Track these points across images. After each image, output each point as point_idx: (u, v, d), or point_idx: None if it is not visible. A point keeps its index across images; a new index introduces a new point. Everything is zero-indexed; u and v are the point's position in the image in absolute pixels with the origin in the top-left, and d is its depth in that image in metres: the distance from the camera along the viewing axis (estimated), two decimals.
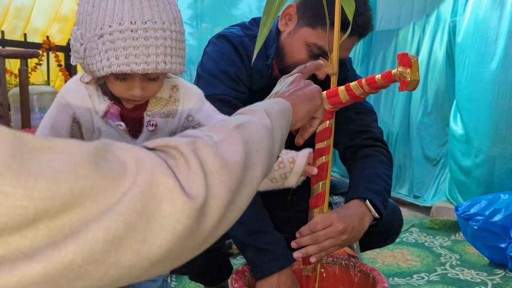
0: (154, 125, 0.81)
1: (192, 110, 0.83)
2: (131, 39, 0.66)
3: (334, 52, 0.80)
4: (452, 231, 2.05)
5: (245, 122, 0.47)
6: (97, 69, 0.68)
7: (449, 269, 1.63)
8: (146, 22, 0.67)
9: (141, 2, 0.67)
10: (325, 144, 0.82)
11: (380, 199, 0.93)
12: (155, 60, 0.68)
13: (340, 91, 0.76)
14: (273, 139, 0.50)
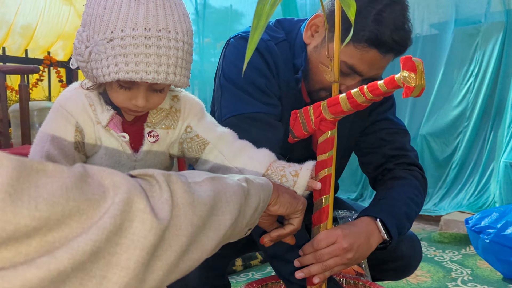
0: (156, 136, 0.77)
1: (191, 121, 0.81)
2: (144, 46, 0.63)
3: (335, 58, 0.76)
4: (462, 245, 1.99)
5: (222, 177, 0.52)
6: (102, 74, 0.65)
7: (460, 285, 1.57)
8: (160, 30, 0.64)
9: (157, 10, 0.65)
10: (327, 156, 0.77)
11: (394, 221, 0.85)
12: (165, 70, 0.65)
13: (341, 99, 0.72)
14: (246, 201, 0.53)
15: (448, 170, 2.39)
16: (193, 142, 0.81)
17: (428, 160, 2.43)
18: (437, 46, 2.48)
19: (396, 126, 1.03)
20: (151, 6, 0.65)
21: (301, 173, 0.79)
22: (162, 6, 0.65)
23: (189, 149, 0.81)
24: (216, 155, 0.80)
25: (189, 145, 0.81)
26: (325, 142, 0.77)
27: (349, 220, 0.96)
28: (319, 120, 0.77)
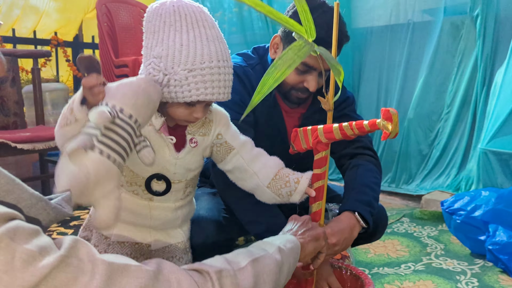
0: (195, 142, 0.97)
1: (221, 130, 1.01)
2: (218, 74, 0.84)
3: (330, 92, 0.94)
4: (439, 222, 2.23)
5: (260, 257, 0.66)
6: (183, 96, 0.83)
7: (434, 259, 1.81)
8: (219, 61, 0.84)
9: (219, 44, 0.85)
10: (322, 171, 0.97)
11: (368, 209, 1.08)
12: (227, 91, 0.88)
13: (334, 129, 0.91)
14: (280, 272, 0.67)
15: (431, 153, 2.60)
16: (221, 147, 1.01)
17: (414, 142, 2.63)
18: (429, 32, 2.61)
19: (353, 119, 1.24)
20: (216, 43, 0.85)
21: (301, 181, 0.99)
22: (218, 41, 0.86)
23: (217, 152, 1.01)
24: (238, 159, 1.01)
25: (218, 149, 1.01)
26: (320, 159, 0.96)
27: (335, 211, 1.17)
28: (316, 142, 0.96)
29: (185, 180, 1.00)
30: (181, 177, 0.98)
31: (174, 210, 1.00)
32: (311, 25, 0.74)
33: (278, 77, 0.70)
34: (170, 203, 0.99)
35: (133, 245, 1.00)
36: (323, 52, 0.75)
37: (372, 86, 2.83)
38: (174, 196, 0.99)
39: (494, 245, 1.71)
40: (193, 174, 1.01)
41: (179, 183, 0.98)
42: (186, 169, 0.98)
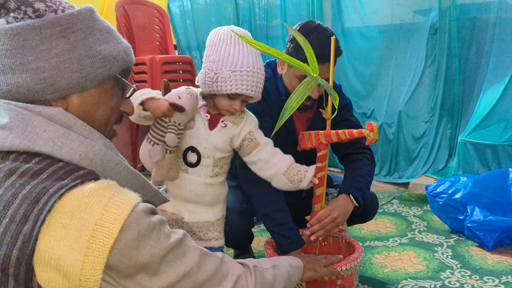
0: (225, 124, 1.28)
1: (253, 128, 1.31)
2: (252, 76, 1.18)
3: (328, 105, 1.24)
4: (424, 203, 2.55)
5: (278, 265, 0.94)
6: (226, 89, 1.18)
7: (417, 234, 2.14)
8: (255, 68, 1.19)
9: (255, 57, 1.20)
10: (323, 164, 1.28)
11: (360, 193, 1.40)
12: (258, 90, 1.21)
13: (332, 134, 1.21)
14: (289, 279, 0.96)
15: (422, 143, 2.89)
16: (251, 142, 1.31)
17: (408, 133, 2.92)
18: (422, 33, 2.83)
19: (352, 123, 1.55)
20: (254, 56, 1.19)
21: (309, 170, 1.30)
22: (255, 54, 1.19)
23: (247, 146, 1.31)
24: (262, 153, 1.32)
25: (248, 143, 1.31)
26: (321, 156, 1.27)
27: (334, 195, 1.49)
28: (318, 143, 1.27)
29: (213, 158, 1.29)
30: (210, 153, 1.28)
31: (204, 185, 1.30)
32: (315, 64, 1.04)
33: (294, 106, 1.01)
34: (200, 178, 1.29)
35: (171, 215, 1.31)
36: (324, 83, 1.05)
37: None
38: (204, 172, 1.29)
39: (472, 223, 2.00)
40: (220, 156, 1.30)
41: (208, 158, 1.28)
42: (214, 147, 1.28)
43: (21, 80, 0.67)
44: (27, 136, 0.65)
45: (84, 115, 0.73)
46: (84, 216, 0.61)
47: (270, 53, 1.05)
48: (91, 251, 0.60)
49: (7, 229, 0.59)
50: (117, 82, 0.78)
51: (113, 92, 0.77)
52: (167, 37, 3.52)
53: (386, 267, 1.80)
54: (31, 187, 0.61)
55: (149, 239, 0.66)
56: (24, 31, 0.67)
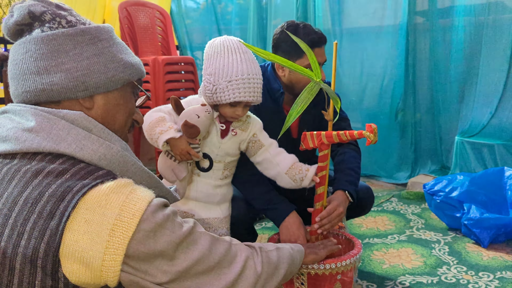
0: (235, 132, 1.36)
1: (257, 131, 1.39)
2: (248, 83, 1.23)
3: (330, 108, 1.29)
4: (422, 201, 2.60)
5: (281, 247, 1.01)
6: (225, 99, 1.23)
7: (415, 231, 2.20)
8: (251, 75, 1.23)
9: (250, 64, 1.25)
10: (324, 164, 1.33)
11: (353, 188, 1.48)
12: (255, 94, 1.26)
13: (334, 135, 1.26)
14: (293, 262, 1.02)
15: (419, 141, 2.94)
16: (255, 144, 1.39)
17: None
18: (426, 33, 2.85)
19: (340, 116, 1.61)
20: (248, 63, 1.24)
21: (310, 169, 1.36)
22: (250, 61, 1.25)
23: (252, 147, 1.39)
24: (266, 153, 1.39)
25: (252, 145, 1.39)
26: (323, 156, 1.33)
27: (329, 193, 1.54)
28: (320, 143, 1.32)
29: (224, 162, 1.38)
30: (221, 159, 1.36)
31: (214, 187, 1.37)
32: (318, 70, 1.09)
33: (299, 110, 1.06)
34: (211, 180, 1.37)
35: (182, 213, 1.37)
36: (326, 87, 1.11)
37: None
38: (215, 175, 1.37)
39: (469, 221, 2.05)
40: (230, 159, 1.39)
41: (219, 163, 1.36)
42: (225, 153, 1.36)
43: (56, 79, 0.75)
44: (52, 139, 0.71)
45: (107, 114, 0.81)
46: (105, 211, 0.67)
47: (275, 61, 1.10)
48: (112, 244, 0.66)
49: (35, 224, 0.65)
50: (133, 89, 0.86)
51: (131, 97, 0.85)
52: (169, 38, 3.57)
53: (385, 263, 1.85)
54: (56, 186, 0.67)
55: (165, 229, 0.72)
56: (59, 37, 0.76)
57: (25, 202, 0.66)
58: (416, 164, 2.93)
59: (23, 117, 0.74)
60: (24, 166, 0.70)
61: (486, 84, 2.51)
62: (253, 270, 0.85)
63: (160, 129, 1.21)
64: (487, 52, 2.49)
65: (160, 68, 3.15)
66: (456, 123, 2.71)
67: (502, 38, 2.44)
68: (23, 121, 0.73)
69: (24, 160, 0.71)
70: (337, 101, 1.11)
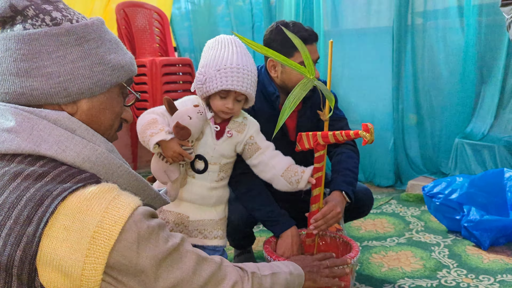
0: (231, 134, 1.34)
1: (253, 133, 1.36)
2: (237, 72, 1.22)
3: (325, 107, 1.26)
4: (422, 203, 2.57)
5: (277, 273, 0.92)
6: (213, 88, 1.22)
7: (414, 234, 2.17)
8: (240, 65, 1.23)
9: (242, 56, 1.24)
10: (320, 165, 1.30)
11: (351, 188, 1.44)
12: (245, 85, 1.24)
13: (329, 135, 1.24)
14: (287, 286, 0.93)
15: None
16: (252, 146, 1.37)
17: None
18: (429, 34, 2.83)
19: (337, 116, 1.60)
20: (239, 55, 1.23)
21: (306, 171, 1.34)
22: (241, 54, 1.24)
23: (248, 150, 1.37)
24: (262, 156, 1.37)
25: (249, 147, 1.37)
26: (319, 157, 1.30)
27: (326, 194, 1.51)
28: (316, 143, 1.29)
29: (219, 164, 1.35)
30: (216, 160, 1.34)
31: (209, 189, 1.35)
32: (311, 66, 1.07)
33: (292, 106, 1.03)
34: (206, 182, 1.34)
35: (177, 215, 1.34)
36: (319, 85, 1.08)
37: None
38: (210, 177, 1.34)
39: (468, 223, 2.02)
40: (226, 161, 1.36)
41: (214, 165, 1.33)
42: (220, 155, 1.33)
43: (36, 83, 0.70)
44: (33, 140, 0.67)
45: (91, 119, 0.76)
46: (85, 218, 0.63)
47: (268, 55, 1.08)
48: (92, 252, 0.62)
49: (11, 230, 0.62)
50: (122, 90, 0.81)
51: (118, 99, 0.80)
52: (167, 39, 3.55)
53: (384, 266, 1.82)
54: (35, 190, 0.64)
55: (148, 242, 0.68)
56: (42, 37, 0.70)
57: (2, 206, 0.63)
58: (412, 167, 2.90)
59: (2, 116, 0.70)
60: (2, 168, 0.67)
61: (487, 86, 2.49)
62: None
63: (151, 132, 1.19)
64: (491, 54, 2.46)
65: (157, 69, 3.13)
66: (456, 125, 2.68)
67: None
68: (2, 121, 0.69)
69: (3, 162, 0.68)
70: (331, 99, 1.09)
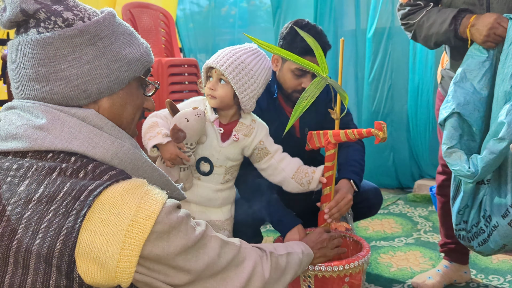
0: (237, 137, 1.33)
1: (263, 138, 1.36)
2: (221, 52, 1.26)
3: (337, 104, 1.26)
4: (429, 203, 2.56)
5: (292, 252, 1.02)
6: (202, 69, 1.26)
7: (422, 234, 2.16)
8: (232, 51, 1.26)
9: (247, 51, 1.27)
10: (331, 164, 1.30)
11: (358, 177, 1.46)
12: (220, 62, 1.26)
13: (341, 133, 1.24)
14: (300, 265, 1.04)
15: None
16: (262, 151, 1.36)
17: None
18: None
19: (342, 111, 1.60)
20: (243, 49, 1.27)
21: (316, 171, 1.34)
22: (248, 50, 1.28)
23: (258, 154, 1.36)
24: (271, 160, 1.37)
25: (259, 152, 1.36)
26: (330, 155, 1.30)
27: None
28: (327, 142, 1.29)
29: (225, 167, 1.34)
30: (222, 163, 1.33)
31: (215, 191, 1.34)
32: (325, 65, 1.07)
33: (305, 105, 1.04)
34: (212, 184, 1.34)
35: None
36: (333, 83, 1.08)
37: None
38: (216, 179, 1.34)
39: None
40: (232, 164, 1.36)
41: (220, 167, 1.33)
42: (226, 157, 1.33)
43: (56, 87, 0.71)
44: (64, 137, 0.69)
45: (113, 116, 0.77)
46: (121, 212, 0.66)
47: (280, 54, 1.08)
48: (127, 245, 0.65)
49: (50, 223, 0.63)
50: (141, 82, 0.82)
51: (138, 91, 0.81)
52: (172, 40, 3.55)
53: (392, 266, 1.82)
54: (71, 184, 0.66)
55: (179, 231, 0.72)
56: (56, 41, 0.71)
57: (40, 200, 0.65)
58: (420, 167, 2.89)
59: (32, 114, 0.71)
60: (36, 163, 0.68)
61: None
62: (260, 276, 0.86)
63: (149, 135, 1.20)
64: None
65: (163, 70, 3.13)
66: None
67: None
68: (32, 118, 0.71)
69: (36, 158, 0.69)
70: (344, 97, 1.09)
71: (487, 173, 1.20)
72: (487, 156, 1.15)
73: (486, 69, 1.25)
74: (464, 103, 1.25)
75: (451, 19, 1.31)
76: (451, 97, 1.27)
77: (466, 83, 1.26)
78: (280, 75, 1.53)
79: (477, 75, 1.26)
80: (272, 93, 1.56)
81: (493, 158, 1.14)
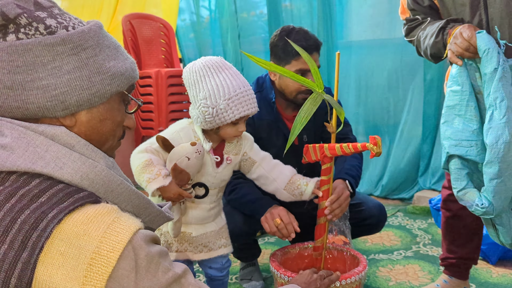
0: (230, 160, 1.32)
1: (247, 149, 1.35)
2: (246, 96, 1.20)
3: (333, 120, 1.26)
4: (429, 216, 2.54)
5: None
6: (230, 118, 1.19)
7: (421, 247, 2.14)
8: (244, 87, 1.21)
9: (238, 77, 1.22)
10: (327, 177, 1.29)
11: (353, 180, 1.47)
12: (255, 105, 1.23)
13: (336, 147, 1.23)
14: None
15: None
16: (247, 162, 1.36)
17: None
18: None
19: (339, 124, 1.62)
20: (237, 76, 1.21)
21: (309, 185, 1.33)
22: (237, 75, 1.21)
23: (244, 166, 1.36)
24: (260, 169, 1.36)
25: (244, 163, 1.36)
26: (326, 169, 1.29)
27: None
28: (323, 156, 1.28)
29: (219, 187, 1.34)
30: (217, 186, 1.33)
31: (208, 210, 1.34)
32: (320, 81, 1.07)
33: (303, 121, 1.04)
34: (206, 205, 1.33)
35: (180, 233, 1.33)
36: (329, 98, 1.08)
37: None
38: (209, 199, 1.33)
39: None
40: (225, 183, 1.37)
41: (214, 189, 1.33)
42: (221, 180, 1.33)
43: (32, 96, 0.66)
44: (29, 157, 0.64)
45: (91, 131, 0.72)
46: (82, 243, 0.60)
47: (277, 71, 1.08)
48: (89, 280, 0.59)
49: (5, 256, 0.59)
50: (123, 97, 0.77)
51: (119, 107, 0.76)
52: (172, 50, 3.57)
53: (391, 280, 1.80)
54: (30, 212, 0.60)
55: (147, 271, 0.64)
56: (36, 48, 0.66)
57: None
58: (420, 179, 2.87)
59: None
60: None
61: None
62: None
63: (148, 177, 1.14)
64: None
65: (163, 80, 3.14)
66: None
67: None
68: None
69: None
70: (340, 112, 1.08)
71: (504, 202, 1.12)
72: (489, 184, 1.10)
73: (467, 98, 1.16)
74: (456, 143, 1.17)
75: (438, 30, 1.29)
76: (443, 139, 1.21)
77: (454, 120, 1.19)
78: (281, 81, 1.55)
79: (460, 108, 1.18)
80: (270, 100, 1.56)
81: (497, 184, 1.08)
